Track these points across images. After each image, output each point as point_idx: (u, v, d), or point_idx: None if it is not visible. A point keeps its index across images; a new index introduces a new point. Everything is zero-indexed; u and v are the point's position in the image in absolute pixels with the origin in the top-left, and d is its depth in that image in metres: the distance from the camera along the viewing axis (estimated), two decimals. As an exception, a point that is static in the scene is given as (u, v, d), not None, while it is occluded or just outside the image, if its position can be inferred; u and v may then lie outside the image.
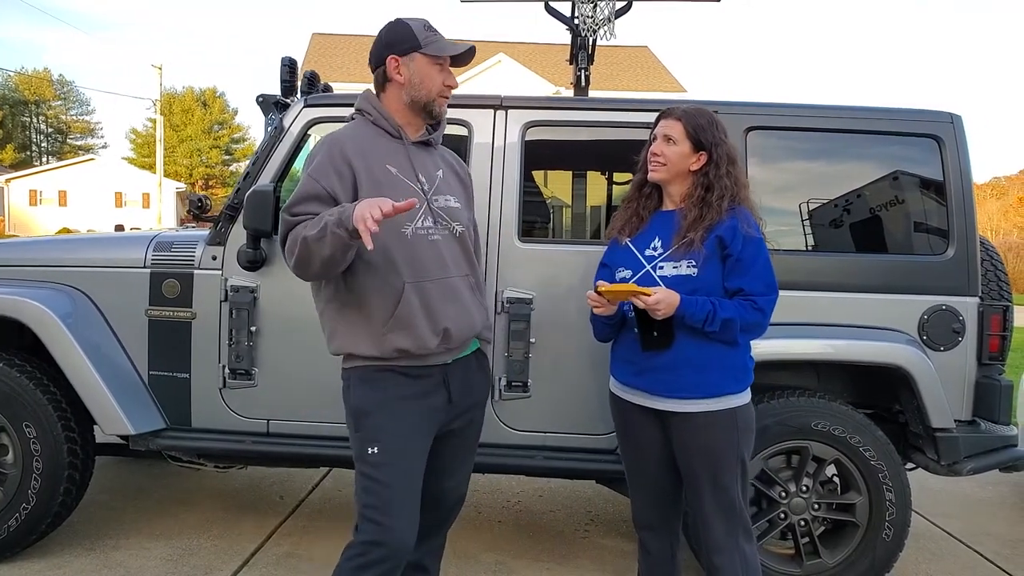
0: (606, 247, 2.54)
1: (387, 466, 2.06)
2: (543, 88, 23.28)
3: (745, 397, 2.32)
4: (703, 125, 2.35)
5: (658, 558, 2.49)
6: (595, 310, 2.28)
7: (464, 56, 2.19)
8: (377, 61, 2.18)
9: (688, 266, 2.25)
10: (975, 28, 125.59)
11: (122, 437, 3.15)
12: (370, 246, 1.80)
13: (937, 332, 2.99)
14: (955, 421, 2.97)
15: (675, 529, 2.51)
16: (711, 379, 2.26)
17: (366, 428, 2.09)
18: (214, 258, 3.11)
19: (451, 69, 2.20)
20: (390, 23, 2.19)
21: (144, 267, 3.16)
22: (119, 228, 23.45)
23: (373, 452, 2.07)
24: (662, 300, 2.17)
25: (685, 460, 2.33)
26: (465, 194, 2.32)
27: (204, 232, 3.23)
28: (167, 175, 40.88)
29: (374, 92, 2.23)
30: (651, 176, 2.39)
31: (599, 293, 2.21)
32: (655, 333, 2.24)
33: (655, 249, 2.33)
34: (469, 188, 2.37)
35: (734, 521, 2.32)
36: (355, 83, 23.40)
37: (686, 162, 2.34)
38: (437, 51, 2.13)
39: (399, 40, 2.15)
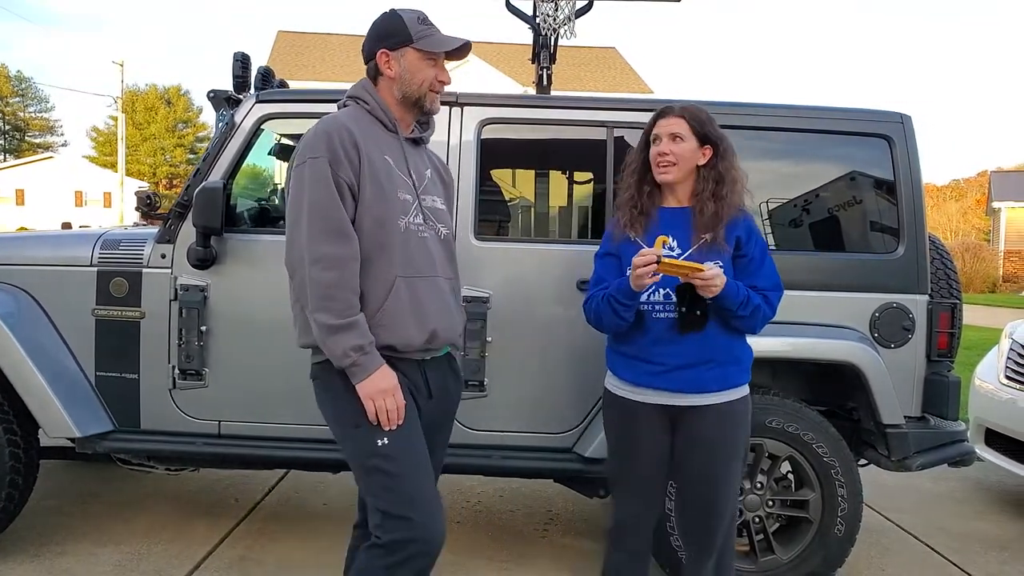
0: (606, 240, 2.42)
1: (398, 458, 1.95)
2: (511, 87, 23.26)
3: (748, 386, 2.37)
4: (704, 119, 2.32)
5: (633, 557, 2.43)
6: (644, 279, 2.14)
7: (459, 50, 2.10)
8: (368, 54, 2.09)
9: (716, 266, 2.20)
10: (938, 34, 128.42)
11: (69, 440, 3.07)
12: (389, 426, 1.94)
13: (888, 330, 3.03)
14: (905, 417, 3.01)
15: (651, 528, 2.46)
16: (730, 372, 2.30)
17: (368, 421, 1.95)
18: (163, 256, 3.05)
19: (445, 62, 2.12)
20: (384, 14, 2.09)
21: (91, 265, 3.08)
22: (66, 226, 22.77)
23: (383, 443, 1.94)
24: (717, 274, 2.14)
25: (699, 455, 2.29)
26: (447, 197, 2.25)
27: (153, 230, 3.16)
28: (130, 174, 40.22)
29: (370, 81, 2.12)
30: (662, 178, 2.31)
31: (657, 263, 2.10)
32: (697, 312, 2.19)
33: (671, 249, 2.28)
34: (451, 191, 2.32)
35: (733, 513, 2.37)
36: (321, 81, 23.19)
37: (695, 158, 2.31)
38: (430, 47, 2.05)
39: (391, 33, 2.06)
